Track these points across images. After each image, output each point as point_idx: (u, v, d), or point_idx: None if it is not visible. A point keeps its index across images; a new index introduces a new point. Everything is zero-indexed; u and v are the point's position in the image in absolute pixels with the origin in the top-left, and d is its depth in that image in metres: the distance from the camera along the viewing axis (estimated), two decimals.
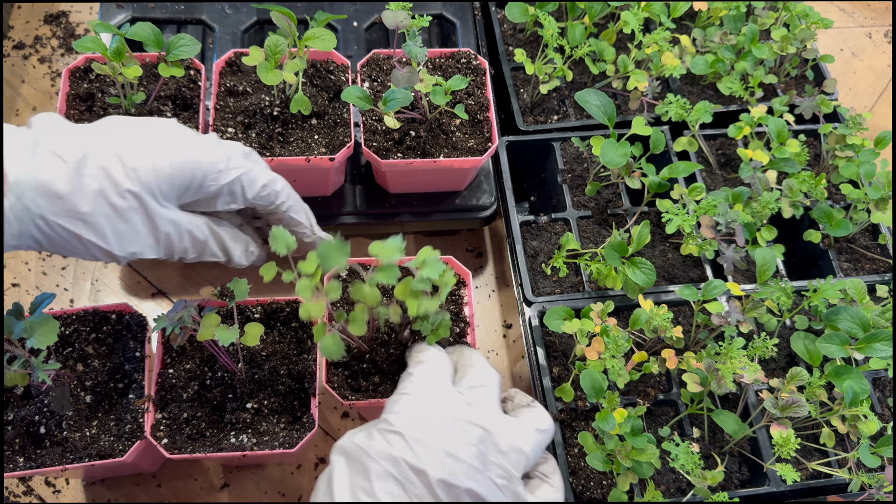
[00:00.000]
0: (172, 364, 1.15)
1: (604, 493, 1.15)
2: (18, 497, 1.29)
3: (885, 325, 1.17)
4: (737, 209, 1.30)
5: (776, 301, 1.19)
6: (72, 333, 1.17)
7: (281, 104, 1.29)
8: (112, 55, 1.19)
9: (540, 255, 1.35)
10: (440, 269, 0.97)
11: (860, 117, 1.39)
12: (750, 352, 1.14)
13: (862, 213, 1.36)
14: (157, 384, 1.13)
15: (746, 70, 1.47)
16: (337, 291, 0.94)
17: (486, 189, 1.44)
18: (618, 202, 1.40)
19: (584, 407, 1.20)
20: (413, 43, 1.22)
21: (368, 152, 1.27)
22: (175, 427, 1.10)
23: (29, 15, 1.75)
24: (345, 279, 1.19)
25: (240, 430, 1.11)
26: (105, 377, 1.14)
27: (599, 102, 1.27)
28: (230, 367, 1.14)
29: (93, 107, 1.29)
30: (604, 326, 1.15)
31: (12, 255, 1.49)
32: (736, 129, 1.39)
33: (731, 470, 1.19)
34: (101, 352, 1.16)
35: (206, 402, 1.13)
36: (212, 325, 1.02)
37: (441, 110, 1.33)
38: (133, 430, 1.09)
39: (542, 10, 1.44)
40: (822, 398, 1.14)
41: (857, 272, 1.37)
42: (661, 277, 1.33)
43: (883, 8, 2.00)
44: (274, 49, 1.18)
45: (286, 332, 1.20)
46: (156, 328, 1.04)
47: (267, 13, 1.57)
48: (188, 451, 1.07)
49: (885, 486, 1.07)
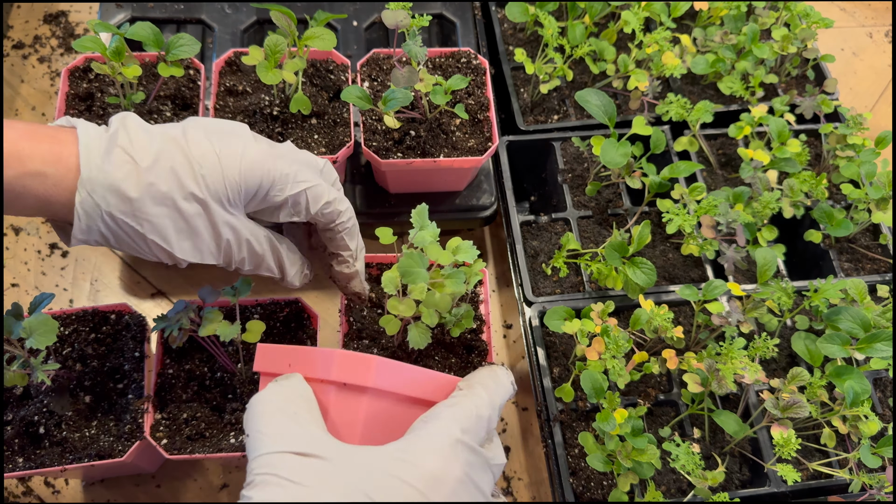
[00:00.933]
0: (172, 364, 1.15)
1: (604, 493, 1.15)
2: (18, 497, 1.29)
3: (885, 325, 1.17)
4: (737, 209, 1.29)
5: (777, 301, 1.19)
6: (71, 333, 1.17)
7: (281, 104, 1.29)
8: (111, 55, 1.19)
9: (540, 255, 1.35)
10: (474, 255, 1.02)
11: (861, 117, 1.39)
12: (751, 352, 1.14)
13: (863, 212, 1.35)
14: (156, 384, 1.13)
15: (747, 70, 1.47)
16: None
17: (486, 189, 1.44)
18: (618, 202, 1.40)
19: (585, 407, 1.20)
20: (413, 42, 1.22)
21: (368, 152, 1.27)
22: (174, 427, 1.10)
23: (28, 14, 1.75)
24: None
25: (240, 430, 1.10)
26: (104, 377, 1.13)
27: (600, 102, 1.27)
28: (230, 367, 1.13)
29: (92, 106, 1.29)
30: (604, 327, 1.14)
31: (11, 255, 1.49)
32: (736, 129, 1.39)
33: (732, 470, 1.19)
34: (101, 352, 1.15)
35: (206, 403, 1.13)
36: (214, 322, 1.03)
37: (441, 110, 1.32)
38: (132, 430, 1.09)
39: (542, 9, 1.43)
40: (823, 398, 1.14)
41: (858, 272, 1.37)
42: (661, 277, 1.33)
43: (883, 7, 1.99)
44: (273, 48, 1.18)
45: (285, 333, 1.19)
46: (155, 329, 1.03)
47: (267, 13, 1.57)
48: (188, 452, 1.07)
49: (886, 487, 1.07)
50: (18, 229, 1.52)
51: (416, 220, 1.05)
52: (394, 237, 1.06)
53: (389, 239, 1.06)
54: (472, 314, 1.09)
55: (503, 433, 1.41)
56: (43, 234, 1.52)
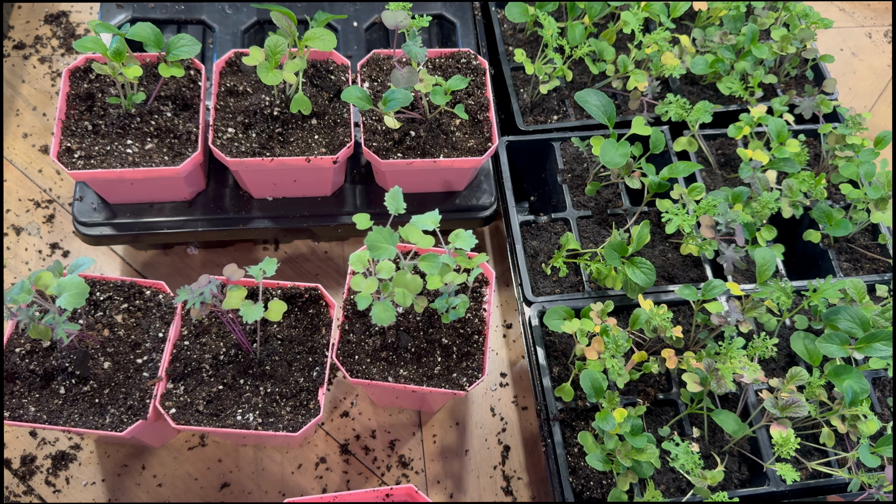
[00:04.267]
0: (189, 337, 1.18)
1: (603, 492, 1.15)
2: (19, 497, 1.29)
3: (884, 324, 1.17)
4: (736, 209, 1.30)
5: (776, 301, 1.19)
6: (105, 300, 1.20)
7: (281, 104, 1.29)
8: (112, 55, 1.19)
9: (540, 255, 1.35)
10: (472, 243, 1.04)
11: (860, 117, 1.39)
12: (750, 352, 1.14)
13: (862, 212, 1.36)
14: (171, 355, 1.16)
15: (746, 70, 1.47)
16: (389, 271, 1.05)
17: (486, 189, 1.44)
18: (618, 202, 1.41)
19: (584, 406, 1.20)
20: (413, 43, 1.22)
21: (368, 152, 1.28)
22: (185, 399, 1.13)
23: (29, 15, 1.75)
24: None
25: (247, 409, 1.13)
26: (127, 348, 1.17)
27: (599, 102, 1.27)
28: (246, 345, 1.16)
29: (93, 107, 1.29)
30: (604, 326, 1.15)
31: (12, 254, 1.50)
32: (736, 129, 1.39)
33: (731, 470, 1.19)
34: (129, 323, 1.19)
35: (218, 378, 1.16)
36: (237, 298, 1.04)
37: (441, 110, 1.33)
38: (138, 408, 1.12)
39: (542, 10, 1.44)
40: (822, 398, 1.14)
41: (857, 272, 1.37)
42: (660, 277, 1.33)
43: (883, 8, 2.00)
44: (274, 49, 1.19)
45: (303, 318, 1.22)
46: (177, 300, 1.05)
47: (267, 13, 1.57)
48: (195, 424, 1.10)
49: (885, 486, 1.07)
50: (20, 229, 1.52)
51: (390, 203, 1.06)
52: (370, 222, 1.07)
53: (366, 224, 1.07)
54: (466, 304, 1.11)
55: (503, 432, 1.41)
56: (44, 233, 1.53)
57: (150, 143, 1.27)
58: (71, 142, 1.26)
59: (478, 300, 1.22)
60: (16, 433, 1.34)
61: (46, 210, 1.55)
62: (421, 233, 1.04)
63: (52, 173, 1.59)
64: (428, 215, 1.06)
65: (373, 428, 1.39)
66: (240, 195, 1.39)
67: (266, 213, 1.38)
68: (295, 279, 1.51)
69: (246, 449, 1.36)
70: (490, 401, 1.44)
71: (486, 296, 1.22)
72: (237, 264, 1.08)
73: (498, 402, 1.44)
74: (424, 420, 1.41)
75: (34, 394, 1.12)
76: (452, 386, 1.14)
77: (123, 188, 1.30)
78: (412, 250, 1.09)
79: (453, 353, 1.18)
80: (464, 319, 1.20)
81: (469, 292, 1.22)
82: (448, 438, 1.39)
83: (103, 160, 1.24)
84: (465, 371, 1.16)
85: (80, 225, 1.35)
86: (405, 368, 1.16)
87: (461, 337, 1.19)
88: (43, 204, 1.55)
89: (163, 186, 1.31)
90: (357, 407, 1.41)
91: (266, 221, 1.37)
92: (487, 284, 1.23)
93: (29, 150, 1.60)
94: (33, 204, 1.55)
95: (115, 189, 1.30)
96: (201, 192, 1.39)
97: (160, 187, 1.31)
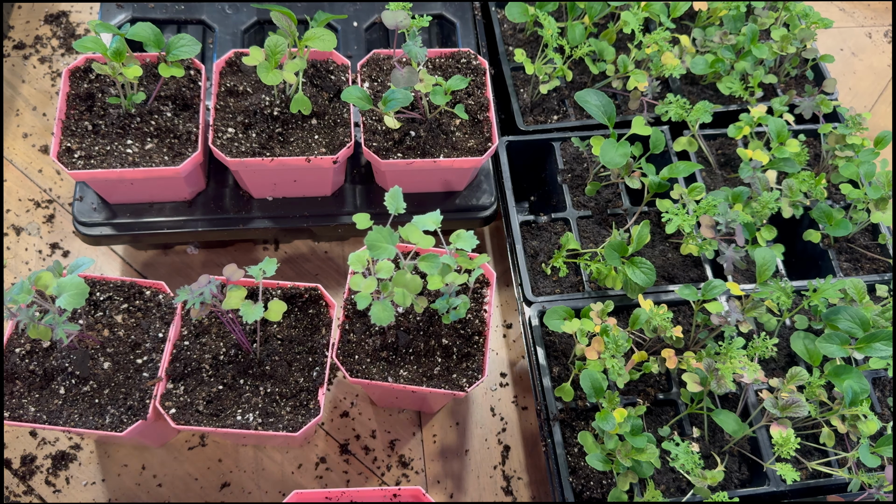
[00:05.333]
0: (189, 337, 1.18)
1: (603, 492, 1.15)
2: (19, 497, 1.29)
3: (884, 324, 1.17)
4: (736, 209, 1.30)
5: (776, 301, 1.19)
6: (105, 300, 1.20)
7: (281, 104, 1.29)
8: (112, 55, 1.19)
9: (540, 255, 1.35)
10: (473, 244, 1.04)
11: (860, 117, 1.39)
12: (750, 351, 1.14)
13: (862, 212, 1.36)
14: (171, 355, 1.16)
15: (746, 70, 1.47)
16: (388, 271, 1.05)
17: (486, 189, 1.44)
18: (618, 202, 1.41)
19: (584, 406, 1.20)
20: (413, 43, 1.22)
21: (368, 152, 1.28)
22: (185, 399, 1.13)
23: (29, 15, 1.75)
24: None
25: (247, 409, 1.13)
26: (126, 349, 1.17)
27: (599, 102, 1.27)
28: (245, 346, 1.16)
29: (93, 107, 1.29)
30: (604, 326, 1.15)
31: (12, 254, 1.50)
32: (736, 129, 1.39)
33: (731, 469, 1.19)
34: (129, 323, 1.19)
35: (218, 379, 1.16)
36: (237, 298, 1.04)
37: (441, 110, 1.33)
38: (138, 408, 1.12)
39: (542, 10, 1.44)
40: (822, 398, 1.14)
41: (857, 272, 1.37)
42: (660, 277, 1.33)
43: (883, 8, 2.00)
44: (274, 49, 1.19)
45: (302, 318, 1.22)
46: (177, 300, 1.06)
47: (267, 13, 1.57)
48: (195, 424, 1.10)
49: (885, 486, 1.07)
50: (20, 229, 1.52)
51: (390, 203, 1.06)
52: (370, 222, 1.08)
53: (366, 224, 1.07)
54: (466, 304, 1.11)
55: (503, 432, 1.41)
56: (44, 233, 1.53)
57: (150, 143, 1.27)
58: (71, 142, 1.26)
59: (478, 301, 1.23)
60: (16, 433, 1.34)
61: (46, 210, 1.55)
62: (421, 233, 1.04)
63: (52, 173, 1.59)
64: (429, 215, 1.06)
65: (373, 428, 1.39)
66: (240, 195, 1.39)
67: (266, 213, 1.38)
68: (295, 279, 1.51)
69: (246, 449, 1.36)
70: (490, 401, 1.44)
71: (487, 297, 1.22)
72: (237, 264, 1.08)
73: (498, 402, 1.44)
74: (424, 420, 1.41)
75: (34, 394, 1.12)
76: (452, 386, 1.15)
77: (123, 188, 1.30)
78: (412, 250, 1.09)
79: (453, 354, 1.18)
80: (464, 320, 1.20)
81: (470, 293, 1.22)
82: (448, 438, 1.39)
83: (103, 160, 1.25)
84: (465, 372, 1.16)
85: (80, 225, 1.35)
86: (405, 368, 1.16)
87: (461, 338, 1.19)
88: (43, 204, 1.55)
89: (163, 186, 1.31)
90: (357, 407, 1.41)
91: (266, 221, 1.38)
92: (488, 285, 1.23)
93: (29, 150, 1.60)
94: (33, 204, 1.55)
95: (115, 189, 1.30)
96: (201, 192, 1.39)
97: (160, 187, 1.31)
